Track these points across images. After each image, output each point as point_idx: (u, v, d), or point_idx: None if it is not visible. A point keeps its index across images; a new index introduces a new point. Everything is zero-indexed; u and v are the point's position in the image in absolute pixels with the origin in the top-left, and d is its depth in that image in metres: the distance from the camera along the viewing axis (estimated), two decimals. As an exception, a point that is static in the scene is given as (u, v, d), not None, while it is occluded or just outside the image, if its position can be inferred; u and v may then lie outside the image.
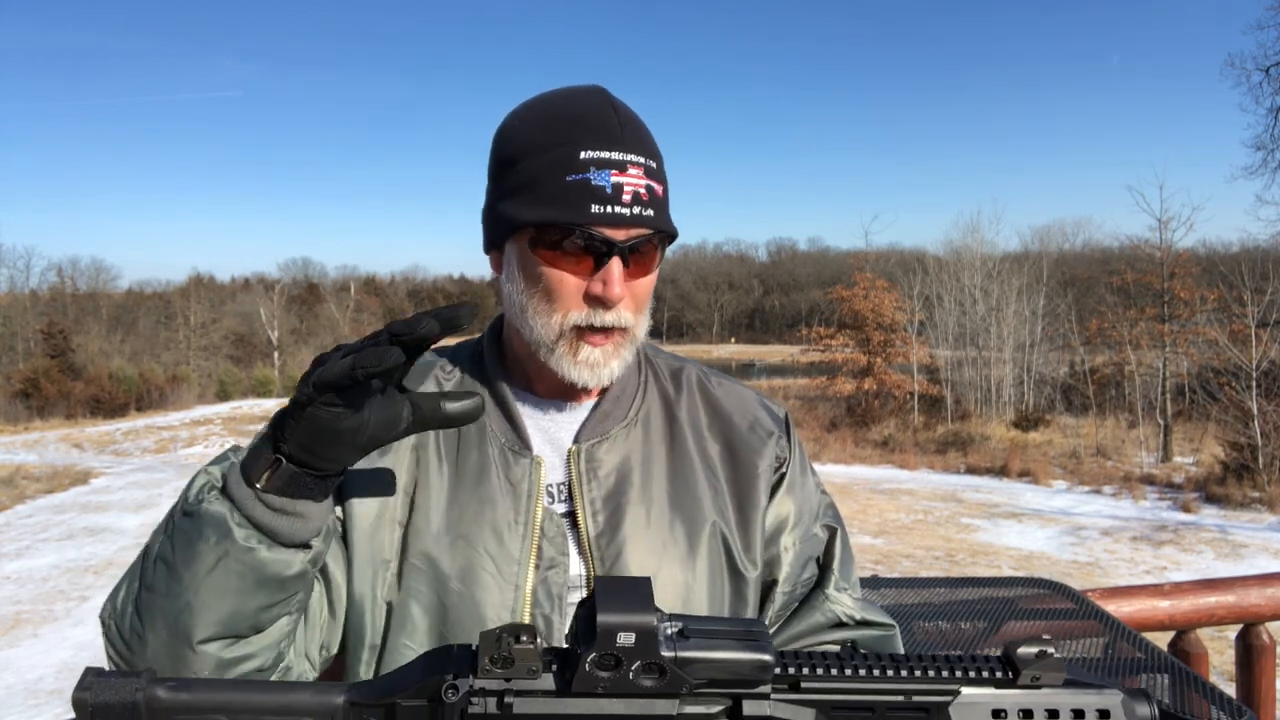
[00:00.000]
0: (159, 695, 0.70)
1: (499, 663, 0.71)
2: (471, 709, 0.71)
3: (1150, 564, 12.59)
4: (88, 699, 0.69)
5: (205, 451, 25.93)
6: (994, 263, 32.39)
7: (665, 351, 1.28)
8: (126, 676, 0.70)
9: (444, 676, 0.72)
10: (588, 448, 1.11)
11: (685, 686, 0.71)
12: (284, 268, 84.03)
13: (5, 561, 13.11)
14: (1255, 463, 17.59)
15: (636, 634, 0.69)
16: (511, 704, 0.71)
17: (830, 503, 1.26)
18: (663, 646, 0.70)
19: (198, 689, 0.72)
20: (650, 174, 1.05)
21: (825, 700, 0.75)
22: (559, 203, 1.02)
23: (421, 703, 0.72)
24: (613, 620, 0.69)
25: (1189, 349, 25.80)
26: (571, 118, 1.06)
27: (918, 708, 0.75)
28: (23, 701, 7.73)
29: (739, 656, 0.72)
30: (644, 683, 0.71)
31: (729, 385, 1.25)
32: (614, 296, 1.03)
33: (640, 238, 1.04)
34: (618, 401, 1.15)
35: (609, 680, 0.70)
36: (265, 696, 0.73)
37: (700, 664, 0.71)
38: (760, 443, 1.18)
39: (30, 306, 52.36)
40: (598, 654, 0.70)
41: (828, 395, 32.38)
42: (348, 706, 0.73)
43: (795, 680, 0.74)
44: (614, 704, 0.72)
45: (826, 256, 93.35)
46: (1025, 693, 0.76)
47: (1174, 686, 1.94)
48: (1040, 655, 0.74)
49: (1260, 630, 2.43)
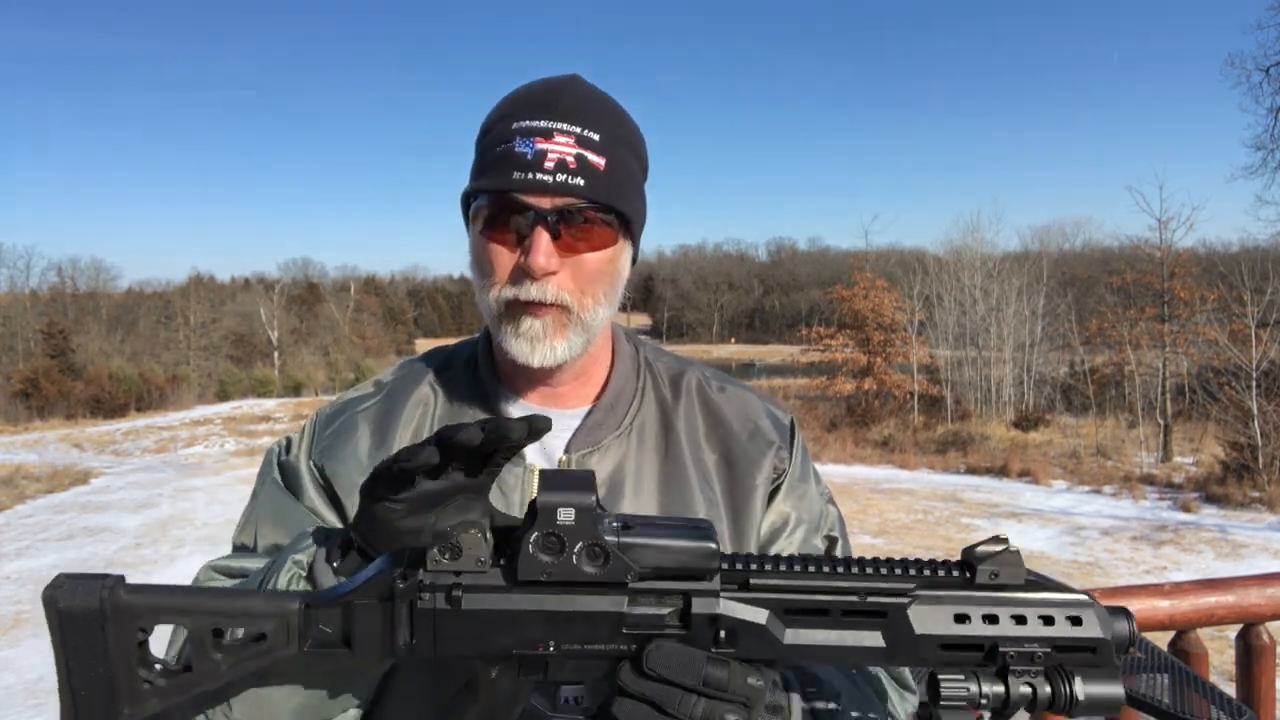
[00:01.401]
0: (122, 597, 0.71)
1: (447, 552, 0.71)
2: (421, 604, 0.71)
3: (1150, 564, 12.59)
4: (58, 597, 0.70)
5: (205, 451, 25.93)
6: (994, 263, 32.39)
7: (669, 354, 1.24)
8: (94, 579, 0.71)
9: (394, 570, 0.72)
10: (578, 458, 1.09)
11: (630, 574, 0.70)
12: (284, 268, 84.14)
13: (5, 561, 13.10)
14: (1255, 463, 17.59)
15: (576, 511, 0.69)
16: (460, 598, 0.70)
17: (836, 514, 1.22)
18: (605, 533, 0.70)
19: (160, 594, 0.73)
20: (585, 143, 1.01)
21: (778, 600, 0.73)
22: (487, 172, 1.01)
23: (373, 600, 0.72)
24: (552, 499, 0.69)
25: (1189, 349, 25.79)
26: (519, 94, 1.06)
27: (875, 611, 0.73)
28: (23, 702, 7.72)
29: (684, 543, 0.71)
30: (587, 569, 0.70)
31: (732, 391, 1.20)
32: (536, 265, 0.98)
33: (570, 206, 0.99)
34: (611, 410, 1.13)
35: (552, 566, 0.70)
36: (224, 601, 0.74)
37: (644, 550, 0.70)
38: (759, 453, 1.14)
39: (30, 306, 52.34)
40: (539, 533, 0.69)
41: (828, 395, 32.38)
42: (304, 609, 0.74)
43: (744, 579, 0.73)
44: (561, 599, 0.71)
45: (826, 256, 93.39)
46: (988, 594, 0.73)
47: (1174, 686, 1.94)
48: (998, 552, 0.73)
49: (1260, 630, 2.43)
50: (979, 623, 0.72)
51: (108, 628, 0.71)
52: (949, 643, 0.72)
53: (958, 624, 0.72)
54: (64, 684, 0.71)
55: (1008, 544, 0.73)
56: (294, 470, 1.11)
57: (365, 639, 0.73)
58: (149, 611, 0.72)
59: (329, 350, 57.15)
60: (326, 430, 1.12)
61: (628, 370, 1.17)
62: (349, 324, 65.13)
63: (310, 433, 1.13)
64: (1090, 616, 0.72)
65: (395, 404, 1.13)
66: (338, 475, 1.08)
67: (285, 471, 1.12)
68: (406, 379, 1.17)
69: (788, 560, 0.74)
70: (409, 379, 1.16)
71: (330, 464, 1.09)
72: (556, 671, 0.73)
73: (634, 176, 1.08)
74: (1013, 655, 0.71)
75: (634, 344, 1.22)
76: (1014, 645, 0.72)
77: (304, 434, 1.14)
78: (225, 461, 23.71)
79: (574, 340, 1.05)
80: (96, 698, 0.71)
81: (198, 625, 0.73)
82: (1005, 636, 0.72)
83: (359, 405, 1.14)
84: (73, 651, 0.71)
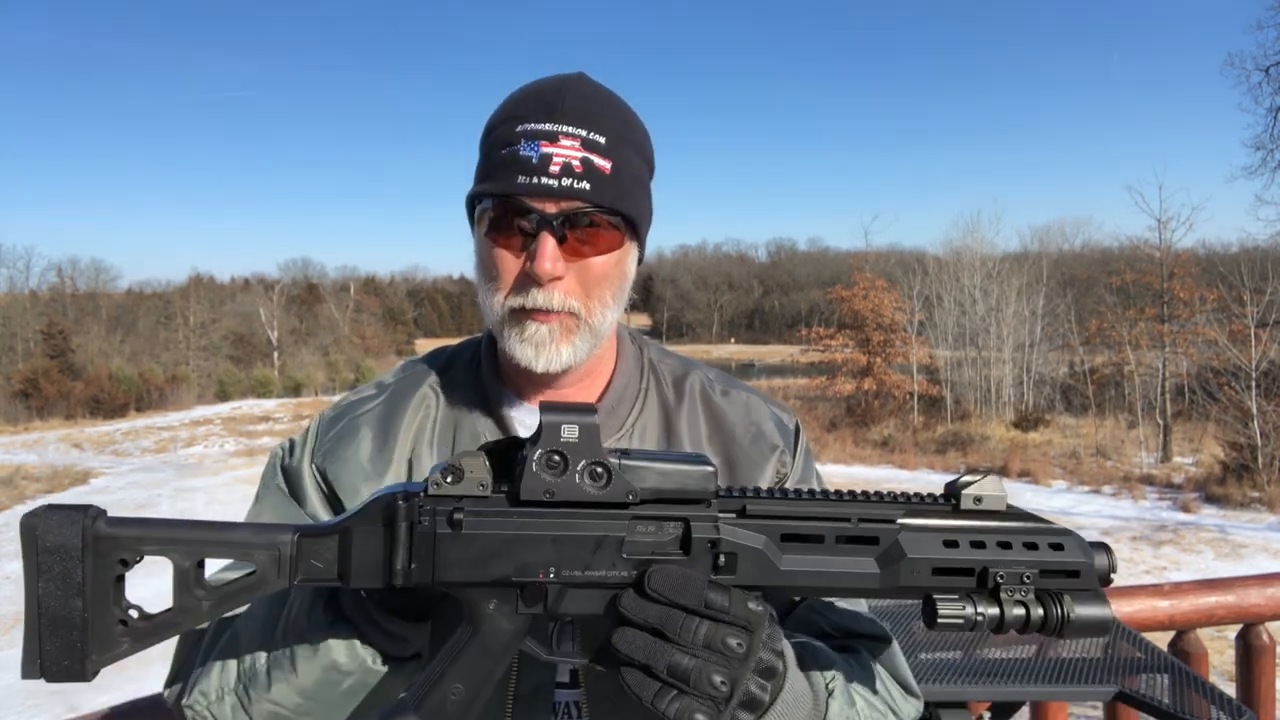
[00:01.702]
0: (103, 528, 0.70)
1: (449, 475, 0.71)
2: (421, 527, 0.70)
3: (1150, 564, 12.59)
4: (36, 524, 0.68)
5: (205, 451, 25.93)
6: (994, 263, 32.39)
7: (674, 355, 1.23)
8: (75, 509, 0.70)
9: (396, 495, 0.72)
10: None
11: (631, 494, 0.72)
12: (284, 268, 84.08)
13: (5, 561, 13.10)
14: (1255, 463, 17.58)
15: (580, 429, 0.71)
16: (461, 521, 0.70)
17: None
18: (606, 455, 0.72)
19: (142, 525, 0.71)
20: (591, 147, 0.99)
21: (774, 525, 0.75)
22: (491, 177, 1.00)
23: (372, 525, 0.72)
24: (555, 419, 0.71)
25: (1189, 349, 25.79)
26: (523, 94, 1.04)
27: (868, 538, 0.75)
28: (23, 702, 7.73)
29: (682, 467, 0.73)
30: (589, 488, 0.71)
31: (736, 393, 1.19)
32: (542, 271, 0.97)
33: (576, 210, 0.98)
34: (613, 411, 1.12)
35: (555, 484, 0.71)
36: (210, 532, 0.72)
37: (643, 472, 0.72)
38: (761, 457, 1.13)
39: (30, 306, 52.34)
40: (543, 450, 0.70)
41: (827, 395, 32.38)
42: (297, 540, 0.72)
43: (741, 506, 0.75)
44: (564, 522, 0.71)
45: (826, 256, 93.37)
46: (974, 523, 0.76)
47: (1174, 686, 1.94)
48: (979, 478, 0.77)
49: (1260, 630, 2.43)
50: (967, 548, 0.75)
51: (86, 559, 0.68)
52: (940, 566, 0.75)
53: (947, 549, 0.75)
54: (31, 623, 0.68)
55: (989, 472, 0.78)
56: (297, 474, 1.10)
57: (361, 565, 0.72)
58: (131, 542, 0.70)
59: (329, 350, 57.13)
60: (329, 434, 1.11)
61: (631, 371, 1.16)
62: (349, 324, 65.11)
63: (313, 436, 1.13)
64: (1071, 544, 0.76)
65: (397, 406, 1.12)
66: (340, 479, 1.07)
67: (288, 476, 1.11)
68: (408, 381, 1.16)
69: (782, 490, 0.77)
70: (410, 381, 1.15)
71: (332, 468, 1.08)
72: (556, 604, 0.73)
73: (640, 177, 1.07)
74: (1003, 577, 0.74)
75: (638, 345, 1.21)
76: (1003, 568, 0.74)
77: (306, 437, 1.13)
78: (225, 462, 23.71)
79: (580, 345, 1.03)
80: (65, 640, 0.68)
81: (181, 557, 0.71)
82: (994, 560, 0.75)
83: (361, 408, 1.14)
84: (46, 584, 0.68)
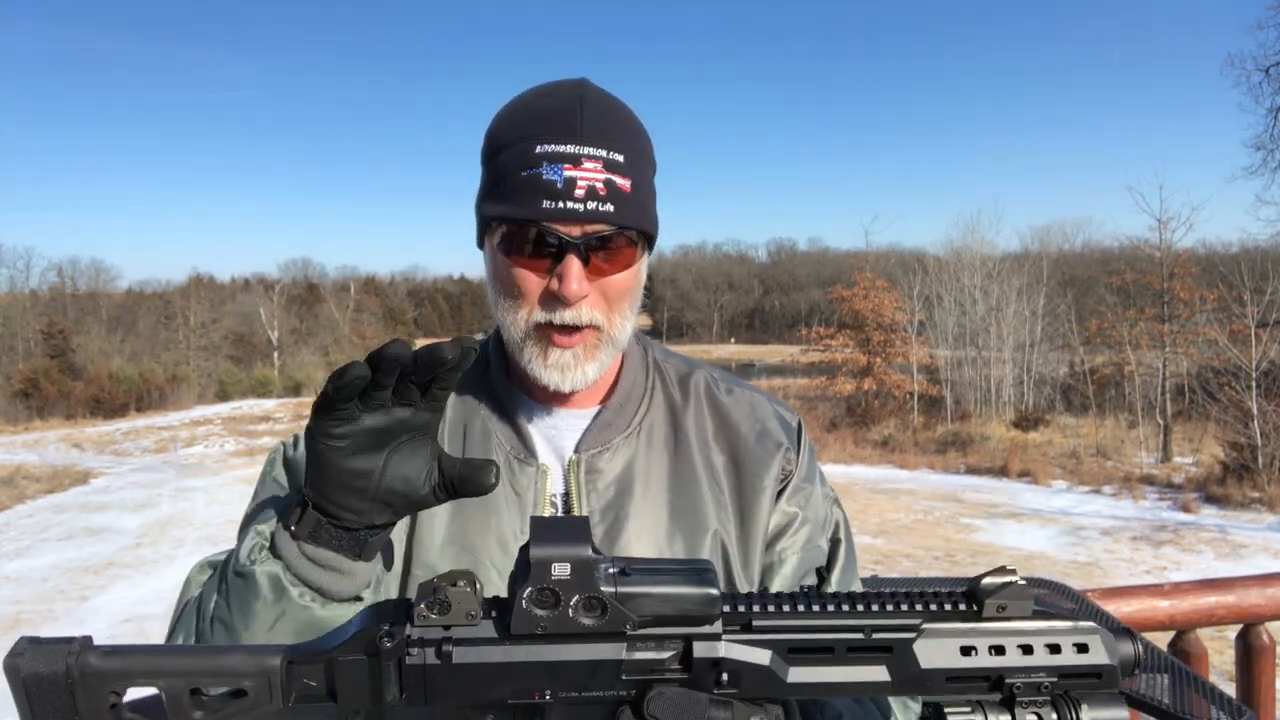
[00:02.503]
0: (91, 662, 0.68)
1: (435, 608, 0.68)
2: (409, 660, 0.68)
3: (1150, 564, 12.60)
4: (21, 665, 0.67)
5: (205, 451, 25.94)
6: (994, 263, 32.41)
7: (676, 354, 1.25)
8: (60, 643, 0.68)
9: (379, 627, 0.69)
10: (588, 457, 1.09)
11: (629, 624, 0.68)
12: (284, 268, 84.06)
13: (5, 561, 13.11)
14: (1255, 463, 17.59)
15: (571, 565, 0.66)
16: (450, 653, 0.68)
17: (841, 518, 1.21)
18: (602, 582, 0.67)
19: (132, 655, 0.69)
20: (612, 167, 1.00)
21: (781, 640, 0.71)
22: (513, 199, 1.00)
23: (359, 656, 0.69)
24: (545, 553, 0.66)
25: (1189, 349, 25.80)
26: (536, 111, 1.03)
27: (881, 647, 0.71)
28: (23, 701, 7.73)
29: (684, 590, 0.68)
30: (584, 621, 0.67)
31: (740, 392, 1.21)
32: (569, 294, 0.99)
33: (599, 234, 1.00)
34: (621, 410, 1.13)
35: (548, 619, 0.67)
36: (201, 660, 0.70)
37: (643, 599, 0.68)
38: (767, 455, 1.14)
39: (30, 306, 52.35)
40: (534, 589, 0.67)
41: (828, 395, 32.38)
42: (286, 666, 0.70)
43: (747, 619, 0.71)
44: (557, 649, 0.68)
45: (826, 256, 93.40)
46: (994, 625, 0.71)
47: (1174, 686, 1.94)
48: (1005, 585, 0.71)
49: (1260, 630, 2.43)
50: (985, 654, 0.71)
51: (77, 694, 0.67)
52: (955, 675, 0.71)
53: (964, 656, 0.71)
54: None
55: (1015, 575, 0.72)
56: (298, 468, 1.10)
57: (351, 694, 0.70)
58: (120, 675, 0.68)
59: (329, 350, 57.12)
60: None
61: (637, 370, 1.17)
62: (349, 324, 65.12)
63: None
64: (1097, 643, 0.72)
65: None
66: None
67: (291, 469, 1.11)
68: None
69: (790, 599, 0.72)
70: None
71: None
72: (552, 718, 0.71)
73: (652, 188, 1.09)
74: (1019, 686, 0.71)
75: (643, 345, 1.22)
76: (1021, 675, 0.71)
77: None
78: (225, 462, 23.72)
79: (604, 359, 1.06)
80: None
81: (173, 685, 0.69)
82: (1012, 667, 0.71)
83: None
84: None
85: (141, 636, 9.61)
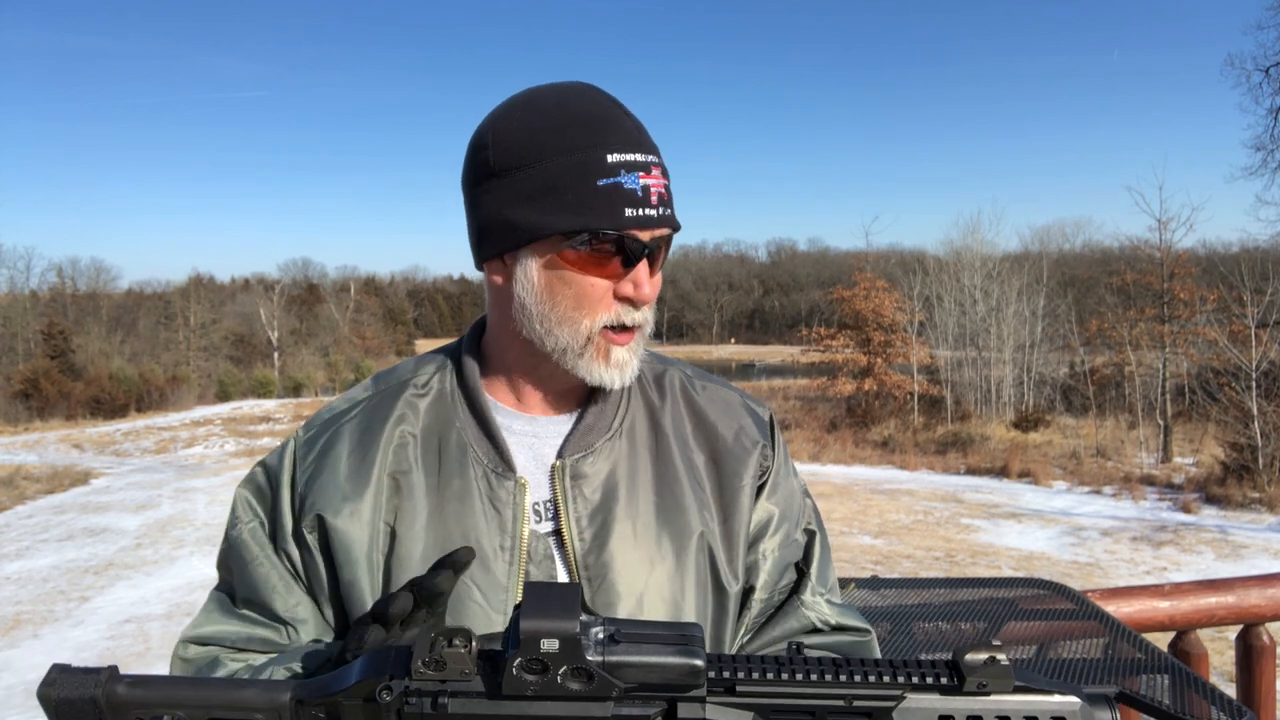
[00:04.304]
0: (117, 691, 0.73)
1: (432, 665, 0.72)
2: (408, 709, 0.73)
3: (1150, 564, 12.60)
4: (52, 694, 0.72)
5: (205, 452, 25.95)
6: (994, 263, 32.37)
7: (650, 352, 1.23)
8: (89, 673, 0.73)
9: (381, 678, 0.74)
10: (572, 462, 1.08)
11: (615, 690, 0.71)
12: (284, 268, 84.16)
13: (5, 562, 13.11)
14: (1255, 463, 17.59)
15: (560, 640, 0.70)
16: (445, 705, 0.72)
17: (812, 505, 1.23)
18: (590, 651, 0.70)
19: (155, 686, 0.75)
20: (665, 173, 1.05)
21: (763, 704, 0.74)
22: (593, 208, 0.99)
23: (360, 702, 0.75)
24: (534, 626, 0.70)
25: (1189, 349, 25.79)
26: (587, 118, 1.03)
27: (860, 713, 0.74)
28: (23, 701, 7.73)
29: (669, 660, 0.71)
30: (572, 686, 0.71)
31: (713, 389, 1.21)
32: (646, 297, 1.04)
33: (664, 237, 1.04)
34: (601, 413, 1.12)
35: (537, 684, 0.71)
36: (217, 693, 0.76)
37: (629, 668, 0.71)
38: (745, 453, 1.15)
39: (30, 306, 52.38)
40: (523, 659, 0.70)
41: (828, 396, 32.39)
42: (294, 704, 0.76)
43: (731, 684, 0.73)
44: (546, 706, 0.72)
45: (826, 257, 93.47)
46: (973, 699, 0.73)
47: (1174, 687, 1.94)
48: (989, 662, 0.73)
49: (1260, 631, 2.43)
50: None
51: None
52: None
53: None
54: None
55: (1001, 652, 0.74)
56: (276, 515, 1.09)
57: None
58: (143, 704, 0.74)
59: (329, 351, 57.11)
60: (307, 458, 1.09)
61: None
62: (349, 324, 65.11)
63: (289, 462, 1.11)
64: (1075, 716, 0.74)
65: (373, 423, 1.10)
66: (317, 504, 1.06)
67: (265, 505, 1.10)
68: (385, 394, 1.13)
69: (775, 664, 0.74)
70: (387, 394, 1.13)
71: (311, 494, 1.07)
72: None
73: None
74: None
75: None
76: None
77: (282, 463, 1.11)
78: (225, 462, 23.72)
79: (641, 353, 1.11)
80: None
81: (192, 716, 0.75)
82: None
83: (336, 424, 1.11)
84: None
85: (141, 637, 9.62)
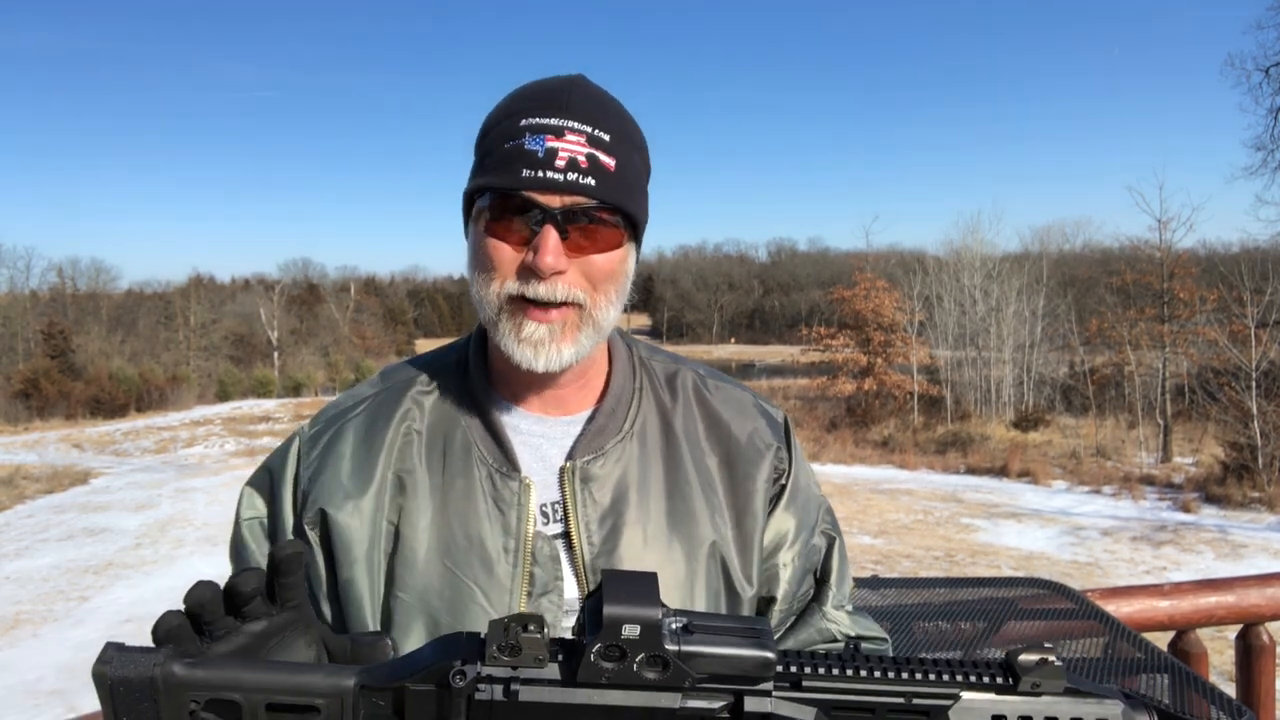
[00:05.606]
0: (175, 671, 0.72)
1: (506, 651, 0.72)
2: (478, 695, 0.73)
3: (1150, 564, 12.60)
4: (108, 672, 0.71)
5: (205, 452, 25.94)
6: (994, 263, 32.39)
7: (661, 351, 1.22)
8: (146, 652, 0.72)
9: (452, 662, 0.73)
10: (582, 464, 1.05)
11: (688, 680, 0.72)
12: (284, 268, 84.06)
13: (5, 561, 13.11)
14: (1255, 463, 17.59)
15: (642, 626, 0.71)
16: (517, 691, 0.72)
17: (828, 507, 1.20)
18: (666, 640, 0.71)
19: (213, 666, 0.73)
20: (597, 143, 0.99)
21: (826, 700, 0.76)
22: (494, 170, 0.99)
23: (430, 687, 0.74)
24: (619, 612, 0.71)
25: (1189, 349, 25.78)
26: (526, 92, 1.04)
27: (918, 710, 0.76)
28: (23, 701, 7.73)
29: (742, 653, 0.73)
30: (647, 675, 0.72)
31: (726, 390, 1.18)
32: (544, 265, 0.96)
33: (579, 206, 0.97)
34: (612, 414, 1.09)
35: (613, 672, 0.72)
36: (279, 677, 0.74)
37: (703, 659, 0.72)
38: (759, 455, 1.12)
39: (30, 306, 52.37)
40: (603, 645, 0.71)
41: (828, 395, 32.38)
42: (358, 689, 0.75)
43: (797, 679, 0.75)
44: (618, 695, 0.73)
45: (826, 257, 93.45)
46: (1025, 699, 0.76)
47: (1174, 686, 1.94)
48: (1041, 663, 0.75)
49: (1260, 630, 2.43)
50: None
51: (160, 701, 0.72)
52: None
53: None
54: None
55: (1054, 654, 0.77)
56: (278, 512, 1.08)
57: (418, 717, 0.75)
58: (202, 685, 0.73)
59: (329, 351, 57.10)
60: (311, 454, 1.09)
61: (625, 371, 1.14)
62: (349, 324, 65.09)
63: (293, 460, 1.10)
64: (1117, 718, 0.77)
65: (378, 420, 1.08)
66: (319, 499, 1.05)
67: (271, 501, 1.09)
68: (390, 391, 1.12)
69: (839, 662, 0.77)
70: (393, 392, 1.11)
71: (314, 490, 1.06)
72: None
73: (641, 179, 1.07)
74: None
75: (627, 343, 1.19)
76: None
77: (286, 460, 1.10)
78: (225, 462, 23.72)
79: (584, 342, 1.02)
80: None
81: (251, 699, 0.74)
82: None
83: (341, 421, 1.10)
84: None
85: (141, 637, 9.53)
